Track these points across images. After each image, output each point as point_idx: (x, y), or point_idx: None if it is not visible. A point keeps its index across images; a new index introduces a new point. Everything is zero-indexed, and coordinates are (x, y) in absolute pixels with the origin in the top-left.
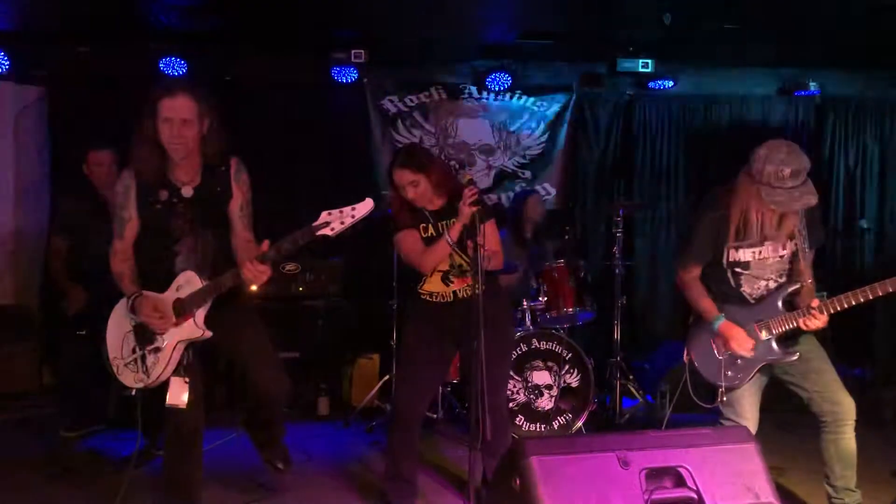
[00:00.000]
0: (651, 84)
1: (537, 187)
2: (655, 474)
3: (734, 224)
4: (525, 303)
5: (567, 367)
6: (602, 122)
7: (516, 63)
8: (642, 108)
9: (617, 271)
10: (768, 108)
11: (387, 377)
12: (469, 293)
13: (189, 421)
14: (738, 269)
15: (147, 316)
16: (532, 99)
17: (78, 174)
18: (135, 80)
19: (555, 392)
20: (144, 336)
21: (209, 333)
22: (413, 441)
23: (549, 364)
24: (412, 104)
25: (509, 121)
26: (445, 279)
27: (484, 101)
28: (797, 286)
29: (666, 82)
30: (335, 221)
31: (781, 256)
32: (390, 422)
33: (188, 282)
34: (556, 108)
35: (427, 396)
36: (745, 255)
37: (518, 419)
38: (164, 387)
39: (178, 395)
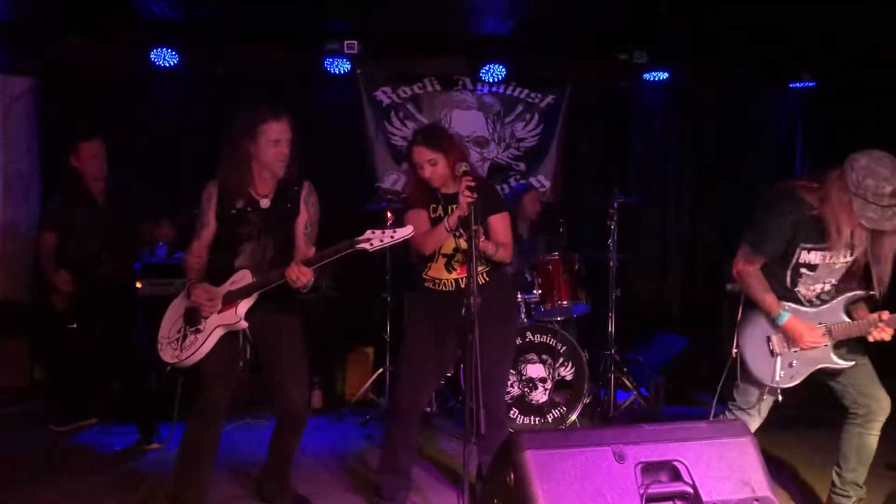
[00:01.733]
0: (645, 75)
1: (531, 180)
2: (651, 468)
3: (825, 228)
4: (519, 295)
5: (561, 359)
6: (596, 114)
7: (511, 54)
8: (637, 100)
9: (611, 264)
10: (763, 100)
11: (380, 370)
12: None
13: (216, 396)
14: (803, 270)
15: (198, 298)
16: (526, 91)
17: (67, 167)
18: (126, 71)
19: (549, 385)
20: (192, 318)
21: (245, 324)
22: (412, 435)
23: (544, 357)
24: (406, 95)
25: (503, 113)
26: (448, 265)
27: (478, 92)
28: (862, 294)
29: (660, 74)
30: (375, 239)
31: (846, 262)
32: (389, 415)
33: (242, 278)
34: (550, 99)
35: (428, 390)
36: (816, 257)
37: (512, 412)
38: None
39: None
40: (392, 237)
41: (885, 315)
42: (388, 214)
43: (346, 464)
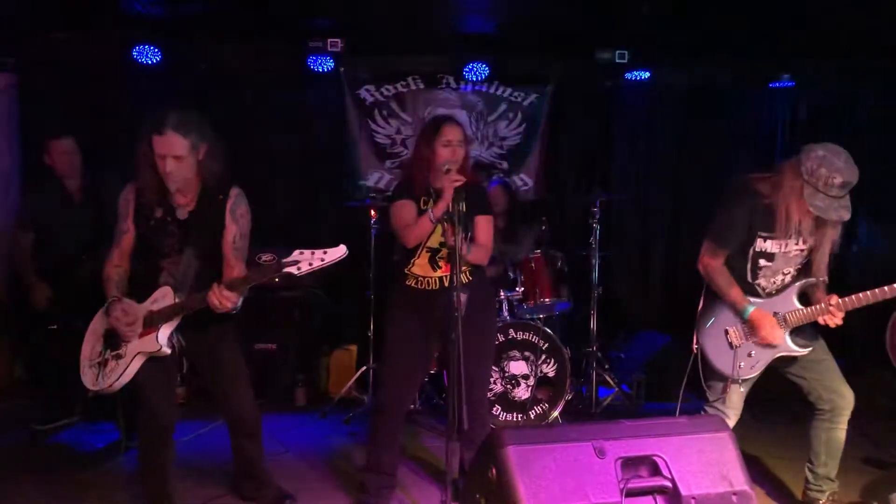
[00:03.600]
0: (627, 75)
1: (514, 178)
2: (631, 463)
3: (776, 215)
4: (502, 293)
5: (544, 356)
6: (579, 113)
7: (494, 53)
8: (619, 100)
9: (594, 261)
10: (744, 99)
11: (364, 368)
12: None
13: (159, 411)
14: (761, 261)
15: (116, 319)
16: (510, 89)
17: (44, 165)
18: (109, 68)
19: (531, 382)
20: (112, 341)
21: (167, 351)
22: (395, 433)
23: (526, 354)
24: (389, 94)
25: (487, 111)
26: (433, 261)
27: (462, 91)
28: (813, 280)
29: (642, 73)
30: (304, 262)
31: (801, 251)
32: (373, 413)
33: (163, 297)
34: (533, 98)
35: (412, 389)
36: (771, 245)
37: (495, 409)
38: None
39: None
40: (322, 260)
41: (834, 299)
42: (372, 212)
43: (329, 461)
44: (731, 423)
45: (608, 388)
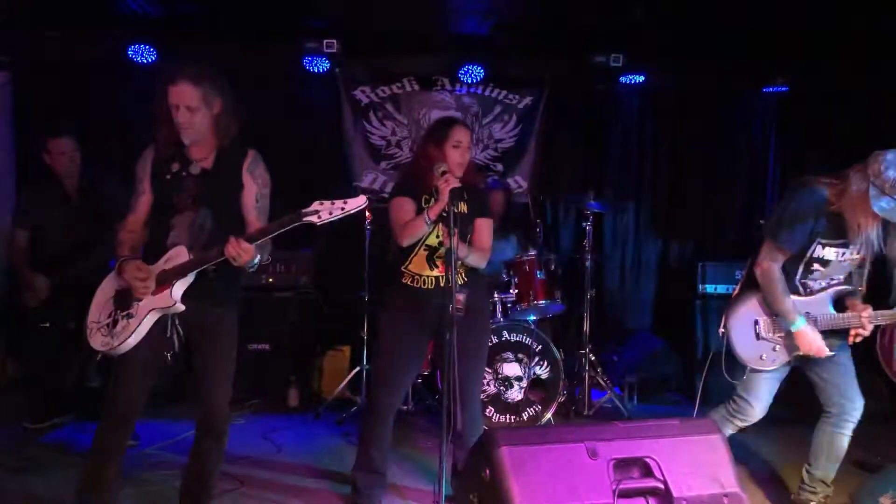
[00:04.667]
0: (622, 78)
1: (509, 180)
2: (623, 464)
3: (846, 224)
4: (496, 294)
5: (537, 358)
6: (574, 116)
7: (489, 55)
8: (613, 102)
9: (587, 264)
10: (737, 103)
11: (357, 369)
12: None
13: (128, 397)
14: (815, 266)
15: (130, 276)
16: (504, 92)
17: (41, 163)
18: (104, 67)
19: (524, 384)
20: (123, 301)
21: (181, 307)
22: (386, 433)
23: (519, 356)
24: (384, 95)
25: (482, 113)
26: (430, 259)
27: (457, 93)
28: (852, 289)
29: (636, 77)
30: (324, 211)
31: (854, 260)
32: (365, 413)
33: (177, 255)
34: (528, 101)
35: (403, 389)
36: (829, 253)
37: (488, 410)
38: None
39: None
40: (343, 209)
41: (867, 311)
42: (367, 213)
43: (322, 462)
44: (756, 413)
45: (601, 390)
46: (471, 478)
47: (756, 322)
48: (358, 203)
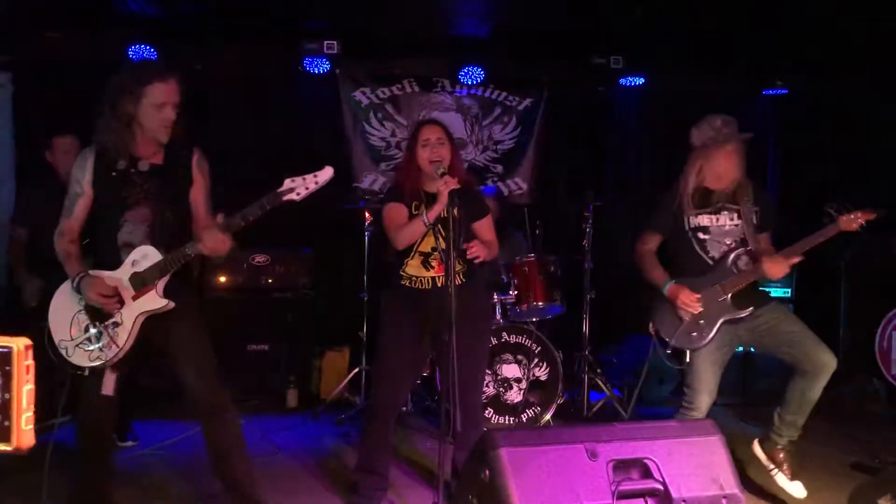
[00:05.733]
0: (622, 80)
1: (509, 181)
2: (623, 466)
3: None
4: (495, 296)
5: (536, 360)
6: (574, 118)
7: (489, 57)
8: (613, 104)
9: (586, 266)
10: (737, 106)
11: (356, 370)
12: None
13: (102, 416)
14: (700, 234)
15: (95, 295)
16: (505, 93)
17: (41, 162)
18: (103, 67)
19: (524, 385)
20: (100, 313)
21: (172, 304)
22: (387, 435)
23: (519, 357)
24: (384, 96)
25: (482, 115)
26: (426, 263)
27: (457, 94)
28: (742, 250)
29: (636, 79)
30: (300, 187)
31: (733, 224)
32: (366, 415)
33: (145, 256)
34: (528, 102)
35: (405, 391)
36: (703, 220)
37: (487, 412)
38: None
39: (109, 385)
40: (316, 182)
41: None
42: (366, 214)
43: (321, 463)
44: (705, 402)
45: (600, 392)
46: (470, 479)
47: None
48: (326, 175)
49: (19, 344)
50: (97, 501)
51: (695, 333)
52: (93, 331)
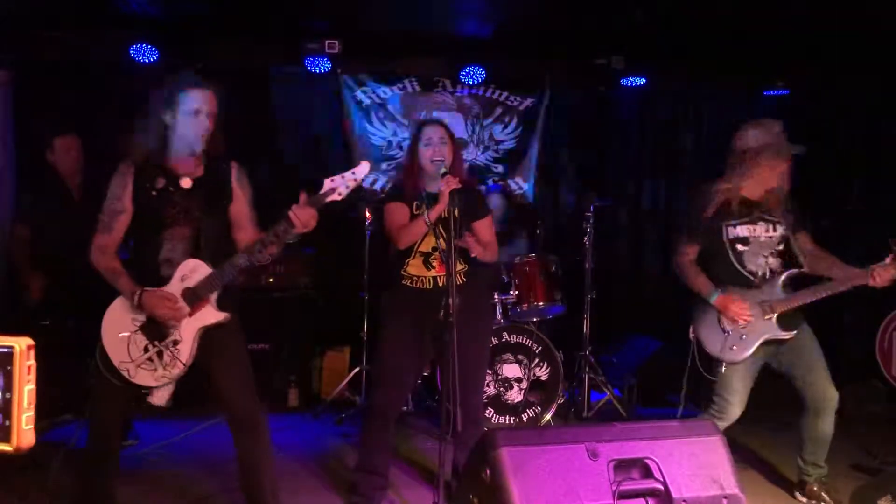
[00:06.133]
0: (623, 81)
1: (510, 181)
2: (623, 466)
3: (744, 202)
4: (496, 296)
5: (537, 360)
6: (575, 118)
7: (491, 57)
8: (614, 105)
9: (587, 266)
10: (738, 107)
11: (357, 369)
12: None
13: (117, 417)
14: (738, 246)
15: (161, 307)
16: (506, 93)
17: (43, 161)
18: (105, 66)
19: (524, 385)
20: (158, 331)
21: (229, 316)
22: (387, 435)
23: (519, 357)
24: (385, 96)
25: (483, 115)
26: (427, 262)
27: (458, 94)
28: (795, 272)
29: (637, 80)
30: (340, 186)
31: (770, 236)
32: (366, 415)
33: (194, 270)
34: (529, 102)
35: (405, 392)
36: (742, 231)
37: (488, 412)
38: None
39: (164, 397)
40: (355, 179)
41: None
42: (367, 214)
43: (322, 462)
44: (735, 411)
45: (600, 392)
46: (471, 479)
47: (719, 318)
48: (364, 169)
49: (21, 344)
50: (102, 501)
51: (735, 347)
52: (153, 350)
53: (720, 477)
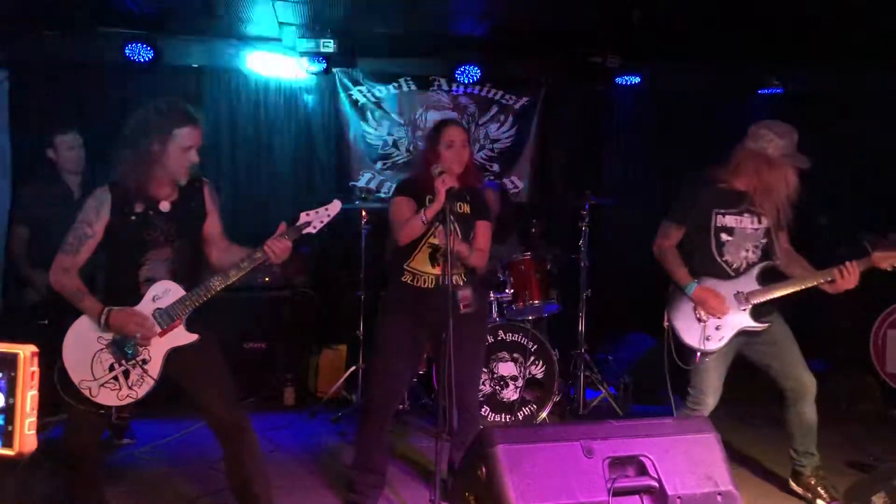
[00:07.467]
0: (618, 79)
1: (505, 180)
2: (618, 463)
3: (741, 195)
4: (492, 294)
5: (532, 358)
6: (570, 117)
7: (486, 56)
8: (610, 103)
9: (582, 264)
10: (733, 105)
11: (353, 368)
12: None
13: (93, 435)
14: (723, 235)
15: (132, 325)
16: (501, 92)
17: (41, 159)
18: (101, 65)
19: (520, 383)
20: (123, 351)
21: (198, 337)
22: (384, 433)
23: (515, 355)
24: (381, 95)
25: (478, 113)
26: (433, 258)
27: (453, 93)
28: (770, 264)
29: (632, 78)
30: (315, 221)
31: (756, 228)
32: (362, 414)
33: (166, 291)
34: (524, 101)
35: (402, 390)
36: (730, 221)
37: (483, 409)
38: None
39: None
40: (329, 215)
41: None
42: (363, 213)
43: (318, 460)
44: (711, 402)
45: (596, 389)
46: (467, 476)
47: (694, 307)
48: (336, 209)
49: (26, 350)
50: (95, 501)
51: (711, 336)
52: (119, 369)
53: (714, 474)
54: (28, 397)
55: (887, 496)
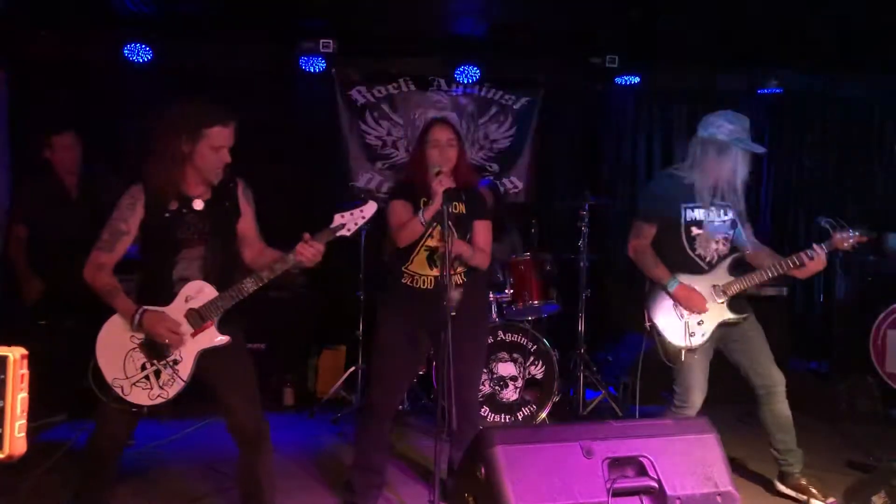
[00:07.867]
0: (617, 79)
1: (504, 180)
2: (618, 463)
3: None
4: (491, 295)
5: (532, 358)
6: (570, 117)
7: (485, 56)
8: (609, 104)
9: (582, 264)
10: (732, 105)
11: (353, 368)
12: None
13: (124, 428)
14: (693, 229)
15: (162, 330)
16: (500, 92)
17: (39, 160)
18: (100, 66)
19: (520, 383)
20: (156, 350)
21: (229, 339)
22: (383, 433)
23: (515, 356)
24: (380, 95)
25: (477, 114)
26: (431, 259)
27: (453, 93)
28: (739, 255)
29: (632, 78)
30: (349, 223)
31: (724, 220)
32: (362, 414)
33: (199, 291)
34: (524, 101)
35: (402, 390)
36: (699, 214)
37: (483, 410)
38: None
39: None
40: (363, 217)
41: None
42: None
43: (317, 461)
44: (698, 400)
45: (595, 390)
46: (466, 477)
47: (674, 305)
48: (372, 209)
49: (15, 353)
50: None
51: (693, 333)
52: (150, 368)
53: (714, 474)
54: (18, 400)
55: (887, 496)
